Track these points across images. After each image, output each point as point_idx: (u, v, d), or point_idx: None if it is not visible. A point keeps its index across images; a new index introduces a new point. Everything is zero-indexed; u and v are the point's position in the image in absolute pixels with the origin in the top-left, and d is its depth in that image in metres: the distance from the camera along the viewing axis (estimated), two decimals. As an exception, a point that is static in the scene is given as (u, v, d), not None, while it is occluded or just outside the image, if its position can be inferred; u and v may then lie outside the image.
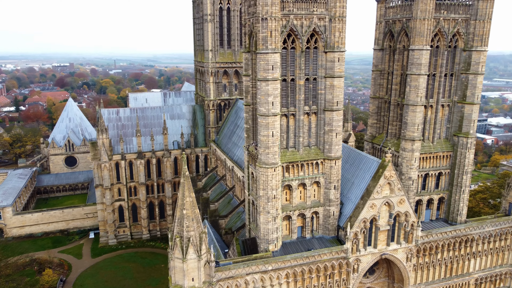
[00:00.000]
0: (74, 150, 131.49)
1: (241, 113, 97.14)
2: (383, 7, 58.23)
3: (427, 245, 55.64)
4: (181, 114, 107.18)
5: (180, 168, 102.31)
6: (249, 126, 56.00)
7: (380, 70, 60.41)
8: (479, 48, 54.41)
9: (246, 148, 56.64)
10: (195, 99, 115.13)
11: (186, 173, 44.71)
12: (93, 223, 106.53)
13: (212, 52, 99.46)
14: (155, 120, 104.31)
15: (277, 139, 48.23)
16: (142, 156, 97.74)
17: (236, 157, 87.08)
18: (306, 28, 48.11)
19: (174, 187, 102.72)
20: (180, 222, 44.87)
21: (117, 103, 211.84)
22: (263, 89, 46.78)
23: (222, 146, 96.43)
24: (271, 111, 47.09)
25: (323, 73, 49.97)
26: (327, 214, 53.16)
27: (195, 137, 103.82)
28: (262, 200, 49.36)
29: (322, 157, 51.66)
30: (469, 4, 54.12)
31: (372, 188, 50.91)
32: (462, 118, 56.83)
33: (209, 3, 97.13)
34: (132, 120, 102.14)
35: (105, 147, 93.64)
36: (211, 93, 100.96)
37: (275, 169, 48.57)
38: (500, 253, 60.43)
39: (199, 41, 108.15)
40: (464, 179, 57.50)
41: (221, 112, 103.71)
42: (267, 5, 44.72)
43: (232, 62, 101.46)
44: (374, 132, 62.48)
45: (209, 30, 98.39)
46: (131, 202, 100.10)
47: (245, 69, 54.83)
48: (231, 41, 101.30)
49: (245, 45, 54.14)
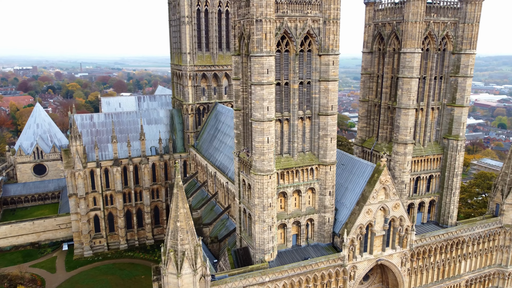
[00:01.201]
0: (43, 158, 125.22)
1: (221, 117, 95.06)
2: (371, 10, 57.70)
3: (421, 249, 55.34)
4: (158, 118, 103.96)
5: (158, 175, 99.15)
6: (239, 131, 54.08)
7: (369, 73, 59.85)
8: (468, 51, 54.70)
9: (236, 154, 54.68)
10: (172, 103, 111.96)
11: (179, 182, 42.30)
12: (66, 235, 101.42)
13: (190, 55, 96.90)
14: (131, 125, 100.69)
15: (272, 145, 46.56)
16: (118, 163, 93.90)
17: (218, 162, 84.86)
18: (300, 31, 46.74)
19: (152, 194, 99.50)
20: (173, 235, 42.37)
21: (85, 108, 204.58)
22: (257, 94, 45.01)
23: (202, 151, 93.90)
24: (266, 116, 45.38)
25: (317, 77, 48.73)
26: (322, 221, 51.88)
27: (173, 142, 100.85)
28: (257, 208, 47.51)
29: (317, 162, 50.36)
30: (457, 8, 54.31)
31: (368, 193, 50.03)
32: (451, 120, 56.98)
33: (187, 5, 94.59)
34: (107, 126, 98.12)
35: (79, 155, 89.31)
36: (189, 97, 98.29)
37: (270, 176, 46.87)
38: (489, 254, 60.99)
39: (175, 43, 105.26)
40: (455, 181, 57.66)
41: (200, 116, 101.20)
42: (261, 6, 43.04)
43: (211, 65, 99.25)
44: (364, 136, 61.86)
45: (187, 33, 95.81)
46: (107, 211, 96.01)
47: (235, 72, 52.91)
48: (209, 44, 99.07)
49: (235, 48, 52.25)
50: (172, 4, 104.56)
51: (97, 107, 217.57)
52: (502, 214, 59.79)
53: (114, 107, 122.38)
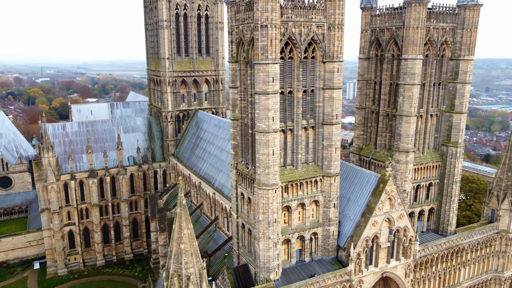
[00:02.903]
0: (8, 170, 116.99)
1: (203, 125, 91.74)
2: (368, 15, 56.37)
3: (423, 259, 54.27)
4: (136, 127, 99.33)
5: (136, 186, 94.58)
6: (237, 142, 51.20)
7: (366, 79, 58.46)
8: (466, 57, 54.24)
9: (234, 166, 51.75)
10: (149, 110, 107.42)
11: (183, 201, 38.98)
12: (37, 252, 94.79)
13: (169, 60, 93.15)
14: (107, 134, 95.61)
15: (277, 157, 44.01)
16: (94, 175, 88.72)
17: (202, 172, 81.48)
18: (305, 37, 44.49)
19: (131, 206, 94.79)
20: (177, 258, 38.92)
21: (50, 115, 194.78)
22: (262, 104, 42.36)
23: (184, 160, 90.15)
24: (271, 128, 42.78)
25: (321, 85, 46.62)
26: (326, 234, 49.73)
27: (152, 152, 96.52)
28: (262, 225, 44.75)
29: (321, 174, 48.20)
30: (455, 13, 53.77)
31: (373, 204, 48.32)
32: (450, 127, 56.37)
33: (165, 9, 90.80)
34: (81, 135, 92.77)
35: (51, 167, 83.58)
36: (168, 103, 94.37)
37: (275, 190, 44.27)
38: (486, 260, 60.83)
39: (152, 48, 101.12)
40: (454, 188, 57.07)
41: (180, 123, 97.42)
42: (267, 11, 40.49)
43: (191, 71, 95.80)
44: (361, 144, 60.39)
45: (165, 37, 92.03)
46: (82, 226, 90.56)
47: (232, 80, 50.04)
48: (189, 49, 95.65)
49: (232, 54, 49.40)
50: (148, 8, 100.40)
51: (62, 113, 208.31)
52: (498, 220, 59.77)
53: (85, 115, 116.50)
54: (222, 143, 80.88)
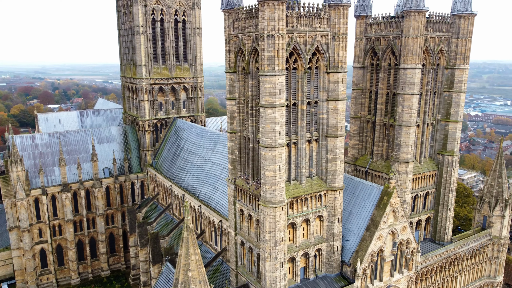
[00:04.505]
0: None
1: (183, 134, 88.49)
2: (363, 23, 55.41)
3: (424, 270, 53.76)
4: (111, 137, 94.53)
5: (113, 199, 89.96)
6: (235, 156, 48.72)
7: (361, 88, 57.46)
8: (461, 66, 54.29)
9: (231, 181, 49.23)
10: (124, 119, 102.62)
11: (190, 225, 36.12)
12: (5, 273, 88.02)
13: (146, 67, 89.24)
14: (81, 145, 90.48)
15: (283, 173, 41.93)
16: (67, 189, 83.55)
17: (185, 183, 78.37)
18: (310, 46, 42.71)
19: (107, 220, 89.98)
20: (184, 287, 36.01)
21: (10, 123, 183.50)
22: (269, 117, 40.17)
23: (163, 171, 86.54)
24: (278, 142, 40.67)
25: (325, 96, 44.98)
26: (330, 250, 48.09)
27: (129, 162, 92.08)
28: (268, 244, 42.47)
29: (325, 188, 46.52)
30: (450, 22, 53.69)
31: (378, 217, 47.16)
32: (446, 136, 56.29)
33: (141, 14, 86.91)
34: (53, 147, 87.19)
35: (20, 182, 77.94)
36: (146, 112, 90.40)
37: (282, 207, 42.15)
38: (480, 267, 61.26)
39: (127, 54, 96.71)
40: (450, 197, 57.03)
41: (158, 132, 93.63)
42: (273, 20, 38.38)
43: (168, 78, 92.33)
44: (356, 154, 59.33)
45: (142, 43, 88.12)
46: (55, 244, 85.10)
47: (230, 91, 47.53)
48: (166, 55, 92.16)
49: (229, 64, 46.93)
50: (122, 12, 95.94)
51: (23, 121, 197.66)
52: (491, 226, 60.30)
53: (53, 124, 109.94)
54: (205, 153, 78.07)
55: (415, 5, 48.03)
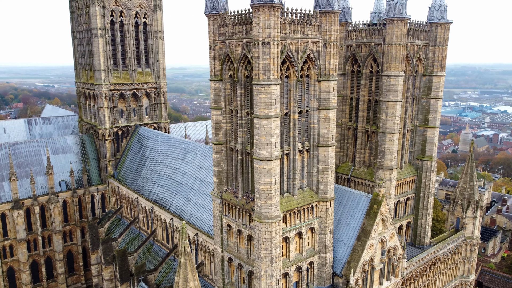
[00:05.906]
0: None
1: (147, 142, 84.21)
2: (343, 30, 54.90)
3: (409, 275, 54.08)
4: (66, 147, 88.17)
5: (71, 214, 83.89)
6: (221, 169, 46.19)
7: (342, 95, 56.93)
8: (438, 73, 55.31)
9: (217, 195, 46.66)
10: (80, 127, 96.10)
11: (187, 249, 33.38)
12: None
13: (105, 72, 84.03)
14: (33, 157, 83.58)
15: (278, 186, 40.11)
16: (19, 205, 76.80)
17: (154, 195, 74.53)
18: (302, 54, 41.22)
19: (65, 237, 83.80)
20: (184, 315, 33.16)
21: None
22: (264, 128, 38.17)
23: (127, 183, 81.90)
24: (273, 154, 38.77)
25: (316, 105, 43.66)
26: (322, 262, 46.84)
27: (88, 174, 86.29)
28: (264, 262, 40.42)
29: (316, 199, 45.20)
30: (428, 30, 54.52)
31: (369, 227, 46.59)
32: (424, 142, 57.14)
33: (99, 15, 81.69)
34: (1, 160, 79.65)
35: (-34, 200, 70.31)
36: (106, 120, 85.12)
37: (278, 222, 40.30)
38: (455, 267, 62.85)
39: (83, 58, 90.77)
40: (429, 201, 57.95)
41: (119, 141, 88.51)
42: (269, 26, 36.49)
43: (129, 83, 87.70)
44: (338, 161, 58.74)
45: (100, 47, 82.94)
46: (6, 266, 77.95)
47: (215, 101, 44.97)
48: (127, 60, 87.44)
49: (215, 72, 44.38)
50: (76, 13, 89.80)
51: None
52: (464, 228, 62.09)
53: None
54: (174, 163, 74.58)
55: (398, 13, 48.13)
